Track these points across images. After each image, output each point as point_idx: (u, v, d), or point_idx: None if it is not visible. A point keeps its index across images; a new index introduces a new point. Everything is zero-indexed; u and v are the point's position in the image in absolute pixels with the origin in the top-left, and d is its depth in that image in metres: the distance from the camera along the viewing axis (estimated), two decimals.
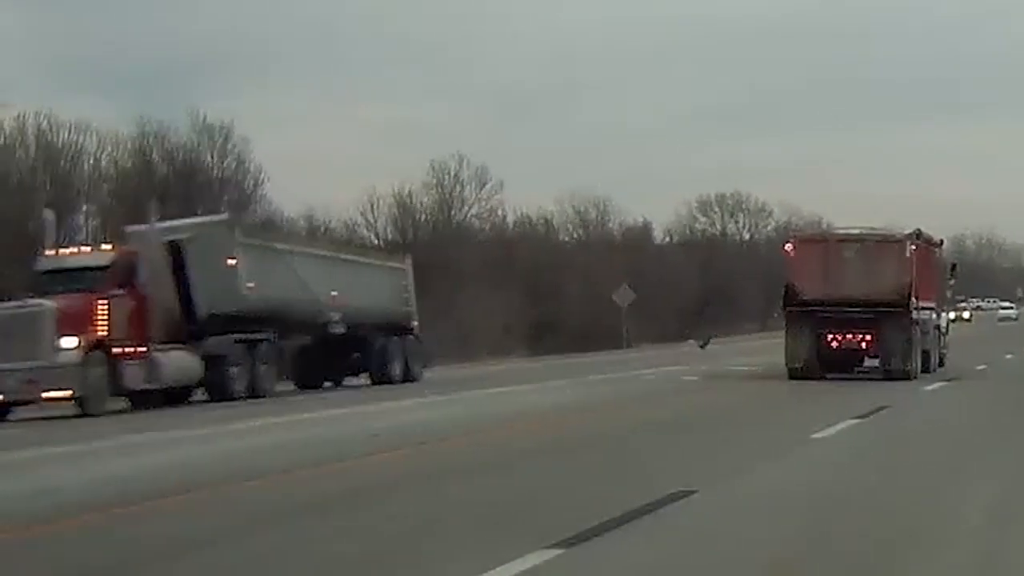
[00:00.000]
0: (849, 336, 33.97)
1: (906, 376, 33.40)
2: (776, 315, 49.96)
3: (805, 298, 33.90)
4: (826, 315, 33.81)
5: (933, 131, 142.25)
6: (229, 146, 69.21)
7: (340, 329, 35.54)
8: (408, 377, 37.58)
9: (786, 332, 34.59)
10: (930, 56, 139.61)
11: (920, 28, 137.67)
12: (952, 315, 49.04)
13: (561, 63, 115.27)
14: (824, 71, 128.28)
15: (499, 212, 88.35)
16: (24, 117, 61.33)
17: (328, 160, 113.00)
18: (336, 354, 36.73)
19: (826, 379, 33.48)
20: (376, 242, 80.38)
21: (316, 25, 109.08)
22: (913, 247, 33.84)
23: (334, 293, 35.22)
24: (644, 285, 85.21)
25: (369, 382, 37.09)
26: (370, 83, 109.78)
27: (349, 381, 37.52)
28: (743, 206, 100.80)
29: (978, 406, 25.66)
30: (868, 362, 35.41)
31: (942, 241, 41.33)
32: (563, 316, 74.04)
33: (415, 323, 39.06)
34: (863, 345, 34.05)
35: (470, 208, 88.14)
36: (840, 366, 34.76)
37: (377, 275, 38.25)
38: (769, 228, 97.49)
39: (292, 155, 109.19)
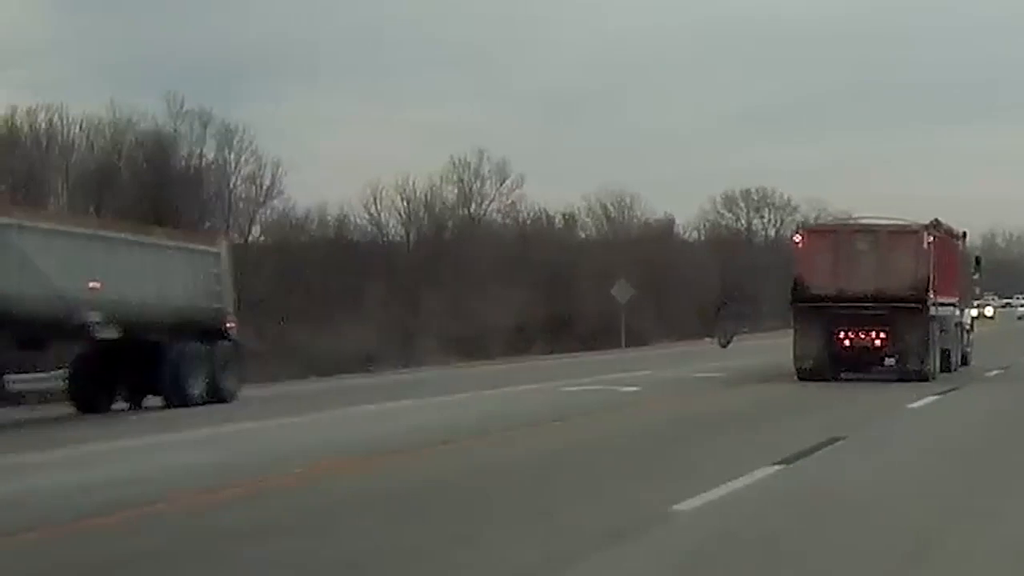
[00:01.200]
0: (862, 334, 31.79)
1: (923, 377, 31.22)
2: None
3: (815, 293, 31.75)
4: (837, 311, 31.67)
5: (971, 133, 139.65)
6: (246, 142, 68.74)
7: (109, 333, 26.57)
8: (217, 395, 28.62)
9: (794, 329, 32.44)
10: (969, 59, 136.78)
11: (959, 31, 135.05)
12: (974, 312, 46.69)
13: (603, 68, 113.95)
14: (863, 73, 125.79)
15: (519, 208, 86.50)
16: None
17: (373, 161, 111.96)
18: (119, 366, 28.35)
19: (835, 380, 31.46)
20: (385, 238, 78.36)
21: (364, 30, 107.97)
22: (931, 238, 31.61)
23: (94, 284, 26.19)
24: (665, 281, 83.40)
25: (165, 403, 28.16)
26: (416, 86, 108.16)
27: (152, 400, 28.65)
28: (768, 201, 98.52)
29: (965, 440, 19.45)
30: (887, 361, 33.21)
31: (965, 233, 39.03)
32: (578, 313, 71.86)
33: (231, 324, 30.19)
34: (877, 343, 31.86)
35: (490, 203, 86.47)
36: (853, 366, 32.61)
37: (169, 260, 28.91)
38: (795, 225, 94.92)
39: (336, 155, 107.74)
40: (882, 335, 31.67)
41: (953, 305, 35.37)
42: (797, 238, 32.54)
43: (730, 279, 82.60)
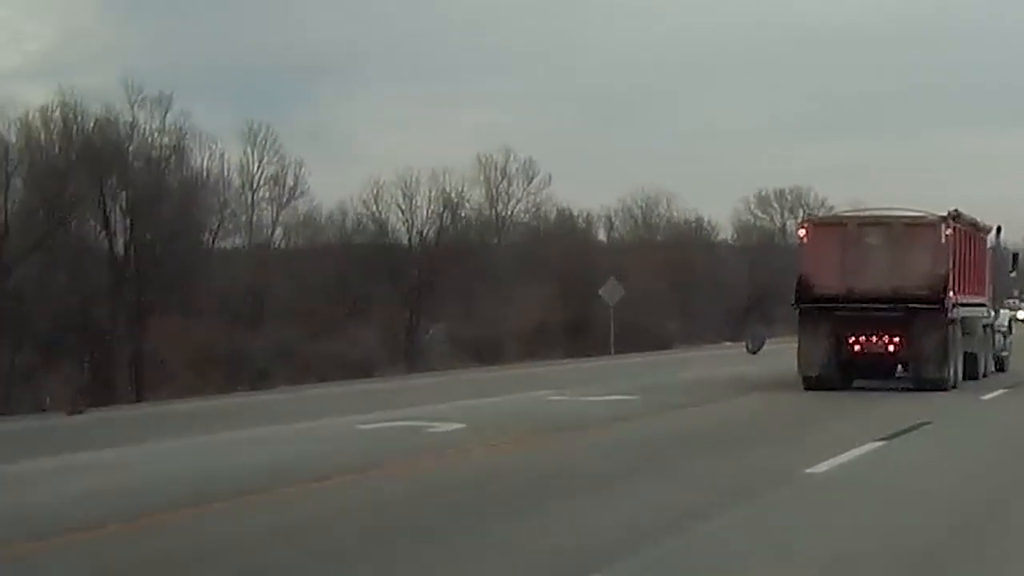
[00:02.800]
0: (873, 338, 28.56)
1: (940, 385, 27.99)
2: None
3: (821, 293, 28.55)
4: (846, 313, 28.46)
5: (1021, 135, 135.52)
6: (269, 141, 67.51)
7: None
8: None
9: (799, 334, 29.21)
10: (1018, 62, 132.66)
11: (1012, 33, 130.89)
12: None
13: (648, 70, 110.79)
14: (916, 76, 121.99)
15: (544, 208, 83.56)
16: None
17: (423, 163, 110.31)
18: None
19: (845, 390, 28.33)
20: (410, 238, 75.44)
21: (410, 35, 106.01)
22: (949, 231, 28.32)
23: None
24: (694, 284, 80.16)
25: None
26: (470, 89, 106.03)
27: None
28: (803, 201, 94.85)
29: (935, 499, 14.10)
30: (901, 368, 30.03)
31: (999, 228, 35.66)
32: (594, 316, 68.70)
33: None
34: (890, 349, 28.62)
35: (517, 203, 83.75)
36: (865, 373, 29.44)
37: None
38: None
39: (390, 157, 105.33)
40: (896, 339, 28.45)
41: (981, 305, 32.09)
42: (801, 231, 29.28)
43: (761, 281, 79.17)
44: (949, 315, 28.27)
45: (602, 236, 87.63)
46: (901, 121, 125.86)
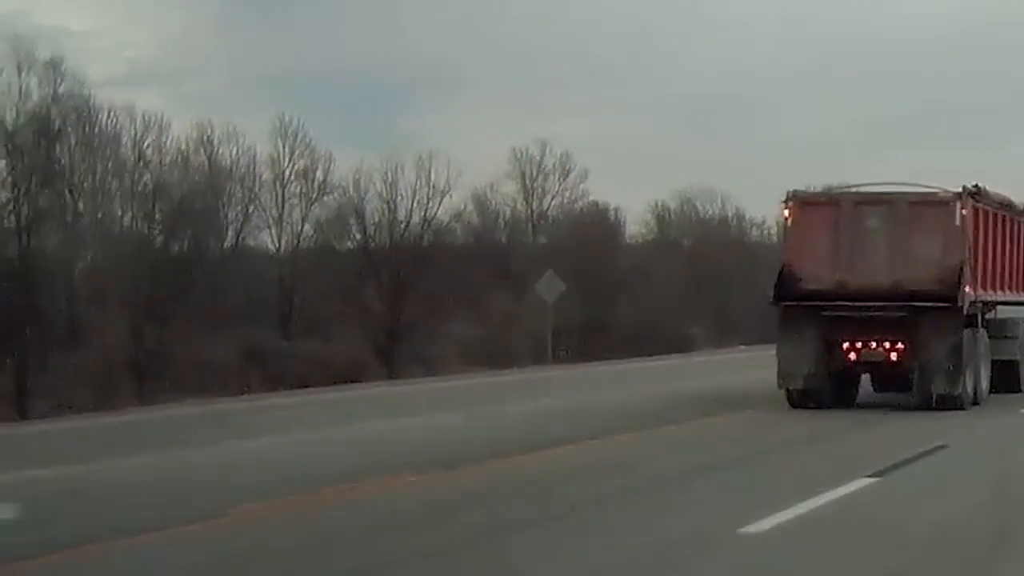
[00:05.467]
0: (872, 344, 23.09)
1: (952, 403, 22.49)
2: None
3: (808, 287, 23.13)
4: (838, 313, 23.02)
5: None
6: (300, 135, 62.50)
7: None
8: None
9: (779, 337, 23.73)
10: None
11: None
12: None
13: (733, 80, 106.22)
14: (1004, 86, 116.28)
15: (581, 204, 78.50)
16: None
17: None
18: None
19: (842, 408, 22.97)
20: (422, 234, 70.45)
21: (513, 46, 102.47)
22: (964, 211, 22.76)
23: None
24: (728, 283, 74.66)
25: None
26: (557, 100, 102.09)
27: None
28: None
29: None
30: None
31: None
32: (615, 317, 63.62)
33: None
34: (892, 357, 23.12)
35: (553, 199, 78.87)
36: (856, 386, 24.14)
37: None
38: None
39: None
40: (900, 345, 22.96)
41: (1018, 303, 26.48)
42: (786, 211, 23.75)
43: None
44: (965, 314, 22.75)
45: (634, 232, 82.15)
46: (990, 131, 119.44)
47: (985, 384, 24.06)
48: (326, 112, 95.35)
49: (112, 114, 56.95)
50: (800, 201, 23.63)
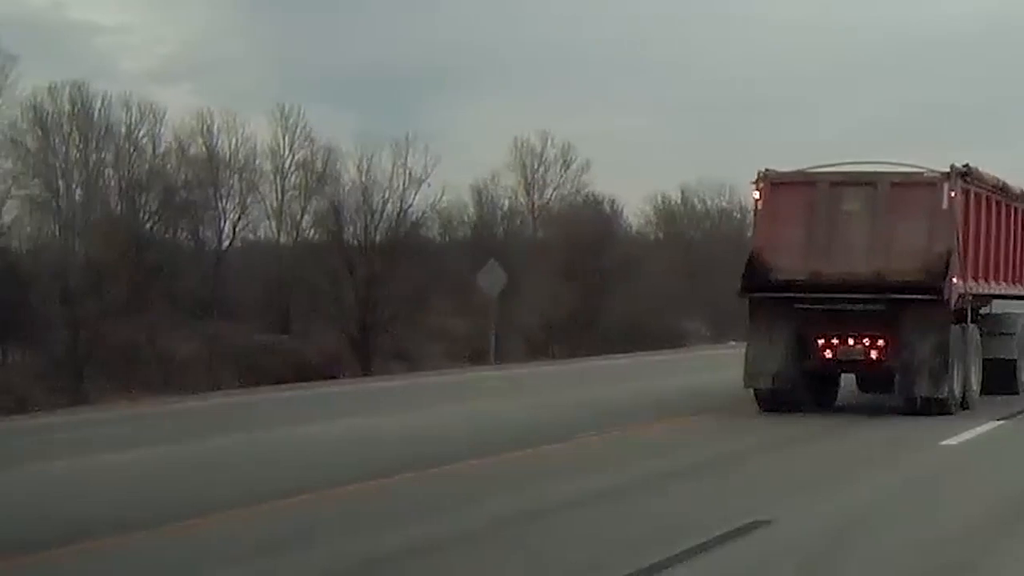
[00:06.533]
0: (850, 340, 20.76)
1: (939, 407, 20.19)
2: None
3: (779, 277, 20.83)
4: (812, 306, 20.70)
5: None
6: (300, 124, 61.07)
7: None
8: None
9: (748, 332, 21.43)
10: None
11: None
12: None
13: (762, 83, 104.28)
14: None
15: (581, 195, 76.29)
16: None
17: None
18: None
19: (817, 412, 20.65)
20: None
21: (549, 45, 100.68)
22: (953, 194, 20.40)
23: None
24: (726, 276, 72.41)
25: None
26: (592, 97, 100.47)
27: None
28: None
29: None
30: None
31: None
32: (606, 311, 61.37)
33: None
34: (872, 355, 20.79)
35: (554, 191, 76.74)
36: (835, 387, 21.85)
37: None
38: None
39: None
40: (880, 342, 20.64)
41: (1018, 297, 24.11)
42: (756, 193, 21.40)
43: None
44: (952, 307, 20.41)
45: (637, 225, 79.83)
46: None
47: (976, 386, 21.72)
48: (340, 105, 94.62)
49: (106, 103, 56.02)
50: (771, 181, 21.26)
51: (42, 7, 79.91)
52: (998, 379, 22.91)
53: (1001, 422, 19.95)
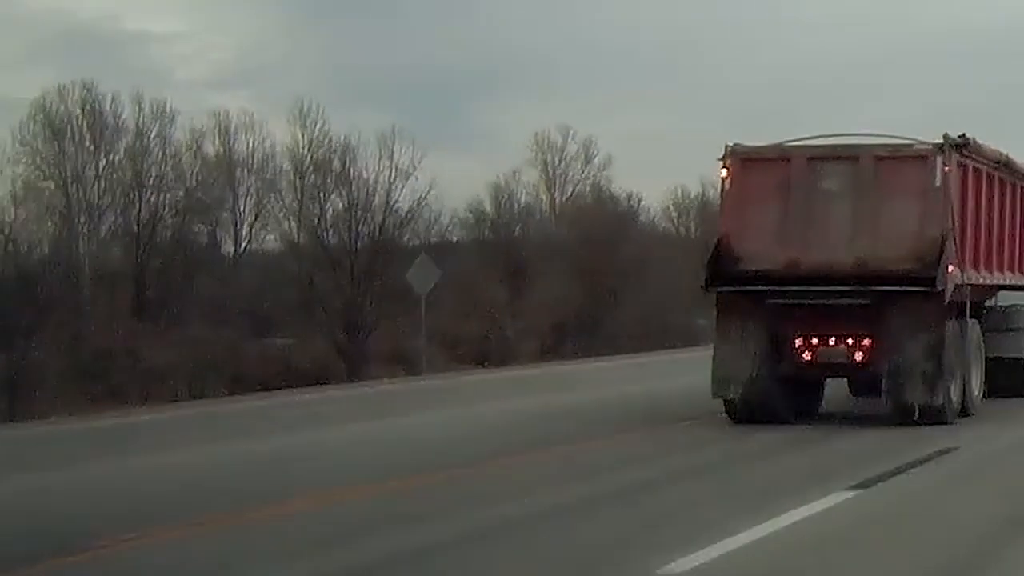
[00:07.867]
0: (830, 339, 18.04)
1: (934, 416, 17.44)
2: None
3: (749, 267, 18.12)
4: (788, 301, 17.99)
5: None
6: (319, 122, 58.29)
7: None
8: None
9: (716, 331, 18.71)
10: None
11: None
12: None
13: (793, 87, 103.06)
14: None
15: (599, 191, 74.01)
16: None
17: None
18: None
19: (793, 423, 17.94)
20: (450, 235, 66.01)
21: (585, 45, 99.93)
22: (947, 168, 17.60)
23: None
24: None
25: None
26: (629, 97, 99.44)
27: None
28: None
29: None
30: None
31: None
32: (621, 310, 58.93)
33: None
34: (856, 356, 18.05)
35: (575, 187, 74.76)
36: (815, 393, 19.14)
37: None
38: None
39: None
40: (865, 341, 17.89)
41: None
42: (723, 171, 18.62)
43: None
44: (948, 300, 17.64)
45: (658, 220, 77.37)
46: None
47: (977, 391, 18.98)
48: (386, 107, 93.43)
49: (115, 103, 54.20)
50: (741, 157, 18.50)
51: (96, 18, 79.04)
52: (1005, 380, 20.27)
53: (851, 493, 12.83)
